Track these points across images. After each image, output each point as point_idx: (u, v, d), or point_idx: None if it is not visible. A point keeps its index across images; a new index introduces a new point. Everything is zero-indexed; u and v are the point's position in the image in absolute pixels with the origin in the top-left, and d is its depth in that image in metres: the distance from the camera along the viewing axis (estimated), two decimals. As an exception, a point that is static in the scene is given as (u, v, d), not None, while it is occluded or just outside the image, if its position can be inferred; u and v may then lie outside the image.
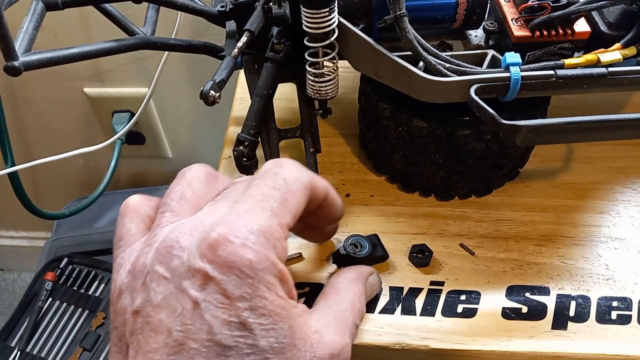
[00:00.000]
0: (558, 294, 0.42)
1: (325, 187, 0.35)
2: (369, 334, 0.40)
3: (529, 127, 0.35)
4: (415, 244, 0.44)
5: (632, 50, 0.40)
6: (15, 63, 0.35)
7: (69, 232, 0.98)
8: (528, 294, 0.42)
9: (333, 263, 0.44)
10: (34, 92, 0.96)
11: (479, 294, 0.42)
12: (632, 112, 0.36)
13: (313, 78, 0.42)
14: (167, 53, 0.73)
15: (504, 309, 0.41)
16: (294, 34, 0.42)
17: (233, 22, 0.45)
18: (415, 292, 0.42)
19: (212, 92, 0.37)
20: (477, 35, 0.45)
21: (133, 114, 0.95)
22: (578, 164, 0.50)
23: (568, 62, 0.39)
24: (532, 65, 0.39)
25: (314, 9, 0.38)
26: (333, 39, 0.40)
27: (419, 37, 0.39)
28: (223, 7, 0.44)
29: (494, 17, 0.43)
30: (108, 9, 0.45)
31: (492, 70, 0.39)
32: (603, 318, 0.40)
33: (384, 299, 0.42)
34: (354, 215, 0.47)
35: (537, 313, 0.41)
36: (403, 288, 0.43)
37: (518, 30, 0.40)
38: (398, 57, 0.39)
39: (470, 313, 0.41)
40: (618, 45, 0.40)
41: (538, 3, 0.39)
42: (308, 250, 0.44)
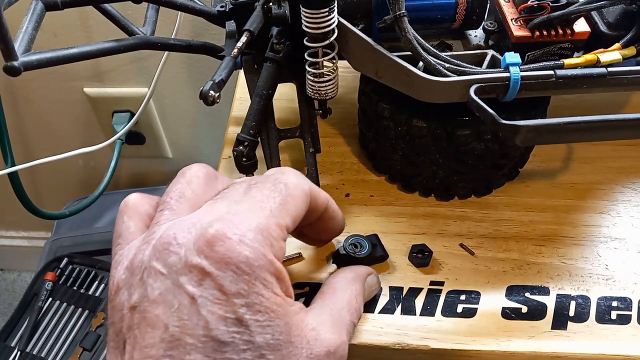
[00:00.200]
0: (558, 294, 0.42)
1: (326, 198, 0.36)
2: (369, 334, 0.40)
3: (529, 127, 0.35)
4: (415, 244, 0.44)
5: (631, 50, 0.40)
6: (15, 63, 0.35)
7: (69, 232, 0.98)
8: (528, 294, 0.42)
9: (333, 263, 0.44)
10: (34, 92, 0.96)
11: (479, 294, 0.42)
12: (632, 112, 0.36)
13: (313, 78, 0.42)
14: (167, 53, 0.73)
15: (504, 309, 0.41)
16: (294, 34, 0.42)
17: (233, 22, 0.45)
18: (415, 292, 0.42)
19: (211, 92, 0.37)
20: (476, 35, 0.45)
21: (133, 114, 0.95)
22: (578, 164, 0.50)
23: (568, 62, 0.39)
24: (531, 65, 0.39)
25: (314, 9, 0.38)
26: (333, 39, 0.40)
27: (419, 37, 0.39)
28: (223, 7, 0.44)
29: (494, 17, 0.43)
30: (108, 9, 0.45)
31: (491, 70, 0.39)
32: (603, 318, 0.40)
33: (384, 299, 0.42)
34: (354, 215, 0.47)
35: (537, 313, 0.41)
36: (403, 288, 0.43)
37: (518, 30, 0.40)
38: (398, 57, 0.39)
39: (470, 313, 0.41)
40: (618, 45, 0.40)
41: (538, 3, 0.39)
42: (308, 250, 0.44)
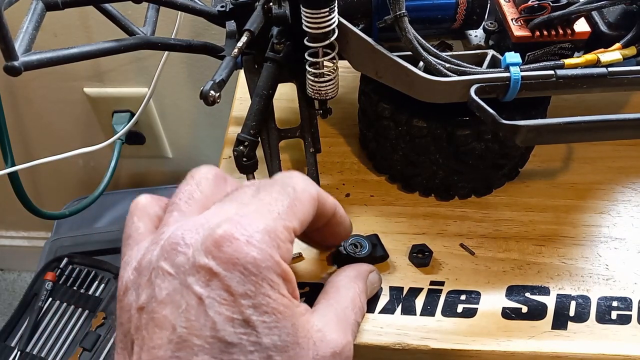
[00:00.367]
0: (558, 294, 0.42)
1: (334, 204, 0.36)
2: (369, 334, 0.40)
3: (529, 127, 0.35)
4: (415, 244, 0.44)
5: (632, 50, 0.40)
6: (15, 63, 0.35)
7: (69, 232, 0.98)
8: (528, 294, 0.42)
9: (333, 263, 0.44)
10: (34, 92, 0.96)
11: (479, 294, 0.42)
12: (632, 112, 0.36)
13: (313, 78, 0.42)
14: (167, 53, 0.73)
15: (504, 309, 0.41)
16: (294, 34, 0.42)
17: (233, 22, 0.45)
18: (415, 292, 0.42)
19: (212, 92, 0.37)
20: (477, 35, 0.45)
21: (133, 114, 0.95)
22: (578, 164, 0.50)
23: (568, 62, 0.39)
24: (532, 65, 0.39)
25: (314, 9, 0.38)
26: (333, 39, 0.40)
27: (419, 37, 0.39)
28: (223, 7, 0.44)
29: (494, 17, 0.43)
30: (108, 9, 0.45)
31: (492, 70, 0.39)
32: (603, 318, 0.40)
33: (384, 299, 0.42)
34: (354, 215, 0.47)
35: (537, 313, 0.41)
36: (403, 288, 0.43)
37: (518, 30, 0.40)
38: (398, 57, 0.39)
39: (470, 313, 0.41)
40: (618, 45, 0.40)
41: (538, 3, 0.39)
42: (308, 250, 0.44)
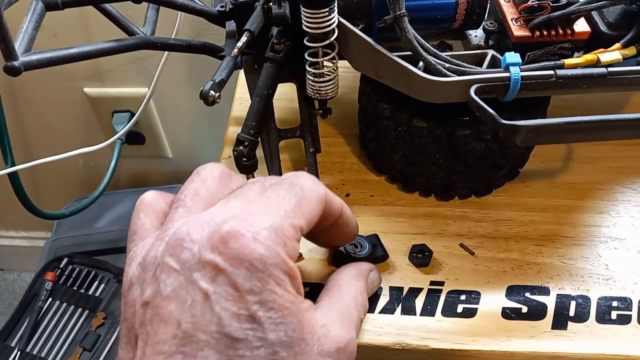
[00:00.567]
0: (558, 294, 0.42)
1: (341, 204, 0.36)
2: (369, 334, 0.40)
3: (529, 127, 0.35)
4: (415, 244, 0.44)
5: (631, 50, 0.40)
6: (15, 63, 0.35)
7: (69, 232, 0.98)
8: (528, 294, 0.42)
9: (333, 263, 0.44)
10: (34, 92, 0.96)
11: (479, 294, 0.42)
12: (632, 112, 0.36)
13: (313, 78, 0.42)
14: (167, 53, 0.73)
15: (504, 309, 0.41)
16: (294, 34, 0.42)
17: (233, 22, 0.45)
18: (415, 292, 0.42)
19: (211, 92, 0.37)
20: (477, 35, 0.45)
21: (133, 114, 0.95)
22: (578, 164, 0.50)
23: (568, 62, 0.39)
24: (532, 65, 0.39)
25: (314, 9, 0.38)
26: (333, 39, 0.40)
27: (419, 37, 0.39)
28: (223, 7, 0.44)
29: (494, 17, 0.43)
30: (108, 9, 0.45)
31: (492, 70, 0.39)
32: (603, 318, 0.40)
33: (384, 299, 0.42)
34: (354, 215, 0.47)
35: (537, 313, 0.41)
36: (403, 288, 0.43)
37: (518, 30, 0.40)
38: (398, 57, 0.39)
39: (470, 313, 0.41)
40: (618, 45, 0.40)
41: (538, 3, 0.39)
42: (308, 251, 0.44)
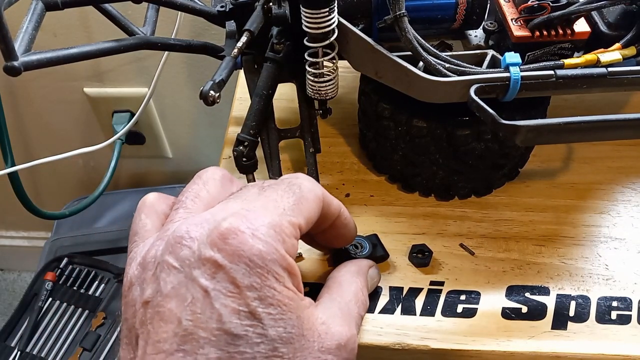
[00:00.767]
0: (558, 294, 0.42)
1: (339, 205, 0.36)
2: (369, 334, 0.40)
3: (529, 127, 0.35)
4: (415, 244, 0.44)
5: (631, 50, 0.40)
6: (15, 63, 0.35)
7: (69, 232, 0.98)
8: (528, 294, 0.42)
9: (334, 264, 0.43)
10: (34, 92, 0.96)
11: (479, 294, 0.42)
12: (632, 112, 0.36)
13: (313, 78, 0.42)
14: (167, 53, 0.73)
15: (504, 309, 0.41)
16: (294, 34, 0.42)
17: (233, 22, 0.45)
18: (415, 292, 0.42)
19: (211, 92, 0.37)
20: (477, 35, 0.45)
21: (133, 114, 0.95)
22: (578, 164, 0.50)
23: (568, 62, 0.39)
24: (532, 65, 0.39)
25: (314, 9, 0.38)
26: (333, 39, 0.40)
27: (419, 37, 0.39)
28: (223, 7, 0.44)
29: (494, 17, 0.43)
30: (108, 9, 0.45)
31: (491, 70, 0.39)
32: (603, 318, 0.40)
33: (384, 299, 0.42)
34: (354, 215, 0.47)
35: (537, 313, 0.41)
36: (403, 288, 0.43)
37: (518, 30, 0.40)
38: (398, 57, 0.39)
39: (470, 313, 0.41)
40: (618, 45, 0.40)
41: (538, 3, 0.39)
42: (308, 251, 0.44)
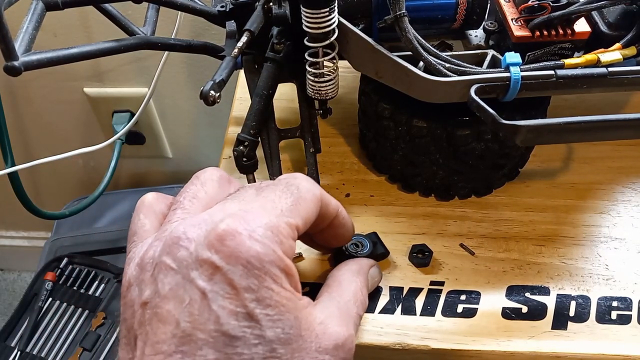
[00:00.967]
0: (558, 294, 0.42)
1: (337, 205, 0.36)
2: (369, 334, 0.40)
3: (529, 127, 0.35)
4: (415, 244, 0.44)
5: (632, 50, 0.40)
6: (15, 63, 0.35)
7: (69, 232, 0.98)
8: (528, 294, 0.42)
9: (334, 264, 0.43)
10: (34, 92, 0.96)
11: (479, 294, 0.42)
12: (632, 112, 0.36)
13: (313, 78, 0.42)
14: (167, 53, 0.73)
15: (504, 309, 0.41)
16: (294, 34, 0.42)
17: (233, 22, 0.45)
18: (415, 292, 0.42)
19: (212, 92, 0.37)
20: (477, 35, 0.45)
21: (133, 114, 0.95)
22: (578, 164, 0.50)
23: (568, 62, 0.39)
24: (532, 65, 0.39)
25: (314, 9, 0.38)
26: (333, 39, 0.40)
27: (419, 37, 0.39)
28: (223, 7, 0.44)
29: (494, 17, 0.43)
30: (108, 9, 0.45)
31: (492, 70, 0.39)
32: (603, 318, 0.40)
33: (384, 299, 0.42)
34: (354, 215, 0.47)
35: (537, 313, 0.41)
36: (403, 288, 0.43)
37: (518, 30, 0.40)
38: (398, 57, 0.39)
39: (470, 313, 0.41)
40: (618, 45, 0.40)
41: (538, 3, 0.39)
42: (308, 251, 0.44)
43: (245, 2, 0.43)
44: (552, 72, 0.38)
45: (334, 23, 0.39)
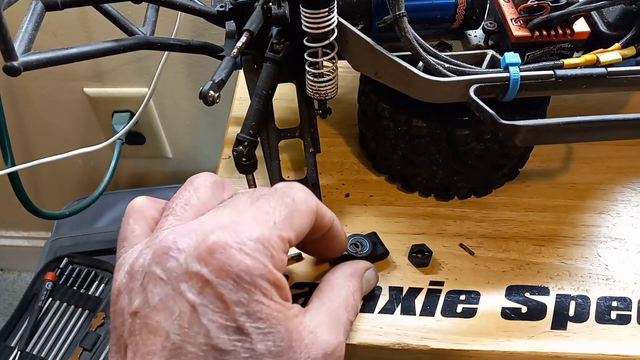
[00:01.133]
0: (557, 294, 0.42)
1: (332, 217, 0.36)
2: (369, 334, 0.40)
3: (529, 127, 0.35)
4: (415, 244, 0.44)
5: (631, 50, 0.40)
6: (15, 63, 0.35)
7: (69, 232, 0.98)
8: (527, 294, 0.42)
9: (333, 264, 0.43)
10: (34, 92, 0.96)
11: (479, 294, 0.42)
12: (632, 112, 0.36)
13: (312, 78, 0.42)
14: (167, 53, 0.73)
15: (504, 309, 0.41)
16: (294, 34, 0.42)
17: (232, 22, 0.45)
18: (415, 292, 0.42)
19: (211, 92, 0.37)
20: (476, 35, 0.45)
21: (133, 114, 0.95)
22: (578, 164, 0.50)
23: (567, 62, 0.39)
24: (531, 65, 0.39)
25: (314, 9, 0.38)
26: (332, 39, 0.40)
27: (419, 37, 0.39)
28: (222, 7, 0.44)
29: (494, 17, 0.43)
30: (108, 9, 0.45)
31: (491, 70, 0.39)
32: (603, 318, 0.40)
33: (384, 299, 0.42)
34: (354, 215, 0.47)
35: (536, 313, 0.41)
36: (403, 288, 0.43)
37: (517, 30, 0.40)
38: (398, 57, 0.39)
39: (470, 313, 0.41)
40: (617, 45, 0.40)
41: (537, 3, 0.39)
42: (308, 250, 0.44)
43: (245, 2, 0.43)
44: (551, 72, 0.38)
45: (334, 23, 0.39)
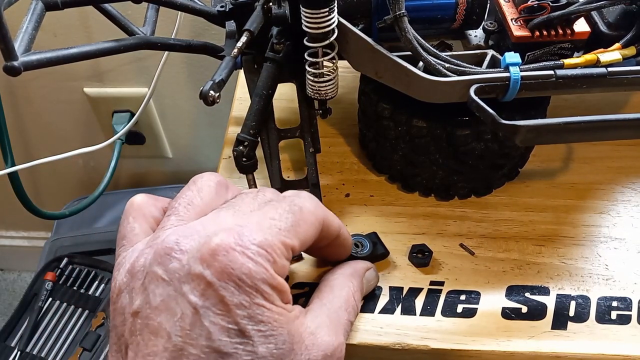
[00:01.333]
0: (558, 294, 0.42)
1: (339, 227, 0.36)
2: (369, 334, 0.40)
3: (529, 127, 0.35)
4: (415, 244, 0.44)
5: (631, 50, 0.40)
6: (15, 63, 0.35)
7: (69, 232, 0.98)
8: (528, 294, 0.42)
9: (334, 263, 0.43)
10: (34, 92, 0.96)
11: (479, 294, 0.42)
12: (632, 112, 0.36)
13: (313, 78, 0.42)
14: (167, 53, 0.73)
15: (504, 309, 0.41)
16: (294, 34, 0.42)
17: (233, 22, 0.45)
18: (415, 292, 0.42)
19: (211, 92, 0.37)
20: (476, 35, 0.45)
21: (133, 114, 0.95)
22: (578, 164, 0.50)
23: (568, 62, 0.39)
24: (531, 65, 0.39)
25: (314, 9, 0.38)
26: (333, 39, 0.40)
27: (419, 37, 0.39)
28: (223, 7, 0.44)
29: (494, 17, 0.43)
30: (108, 9, 0.45)
31: (491, 70, 0.39)
32: (603, 318, 0.40)
33: (384, 299, 0.42)
34: (354, 215, 0.47)
35: (536, 313, 0.41)
36: (403, 288, 0.43)
37: (518, 30, 0.40)
38: (398, 57, 0.39)
39: (470, 313, 0.41)
40: (618, 45, 0.40)
41: (538, 3, 0.39)
42: (308, 250, 0.44)
43: (245, 2, 0.43)
44: (551, 72, 0.38)
45: (334, 23, 0.39)
